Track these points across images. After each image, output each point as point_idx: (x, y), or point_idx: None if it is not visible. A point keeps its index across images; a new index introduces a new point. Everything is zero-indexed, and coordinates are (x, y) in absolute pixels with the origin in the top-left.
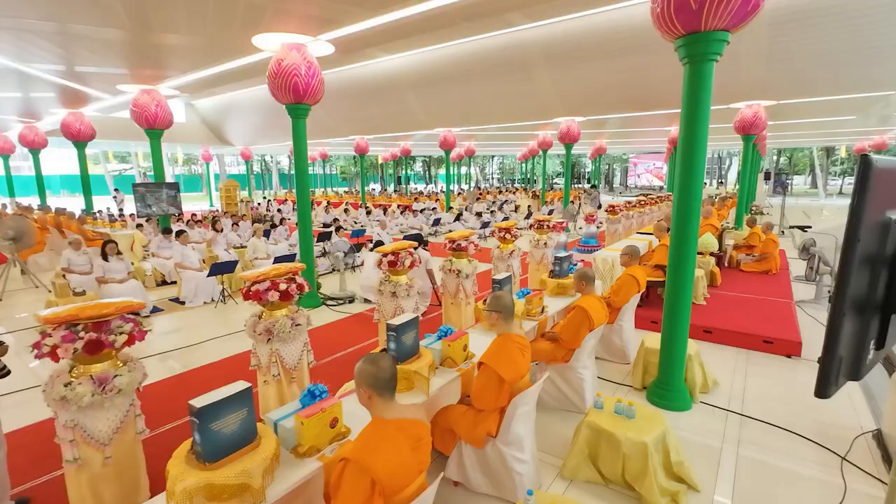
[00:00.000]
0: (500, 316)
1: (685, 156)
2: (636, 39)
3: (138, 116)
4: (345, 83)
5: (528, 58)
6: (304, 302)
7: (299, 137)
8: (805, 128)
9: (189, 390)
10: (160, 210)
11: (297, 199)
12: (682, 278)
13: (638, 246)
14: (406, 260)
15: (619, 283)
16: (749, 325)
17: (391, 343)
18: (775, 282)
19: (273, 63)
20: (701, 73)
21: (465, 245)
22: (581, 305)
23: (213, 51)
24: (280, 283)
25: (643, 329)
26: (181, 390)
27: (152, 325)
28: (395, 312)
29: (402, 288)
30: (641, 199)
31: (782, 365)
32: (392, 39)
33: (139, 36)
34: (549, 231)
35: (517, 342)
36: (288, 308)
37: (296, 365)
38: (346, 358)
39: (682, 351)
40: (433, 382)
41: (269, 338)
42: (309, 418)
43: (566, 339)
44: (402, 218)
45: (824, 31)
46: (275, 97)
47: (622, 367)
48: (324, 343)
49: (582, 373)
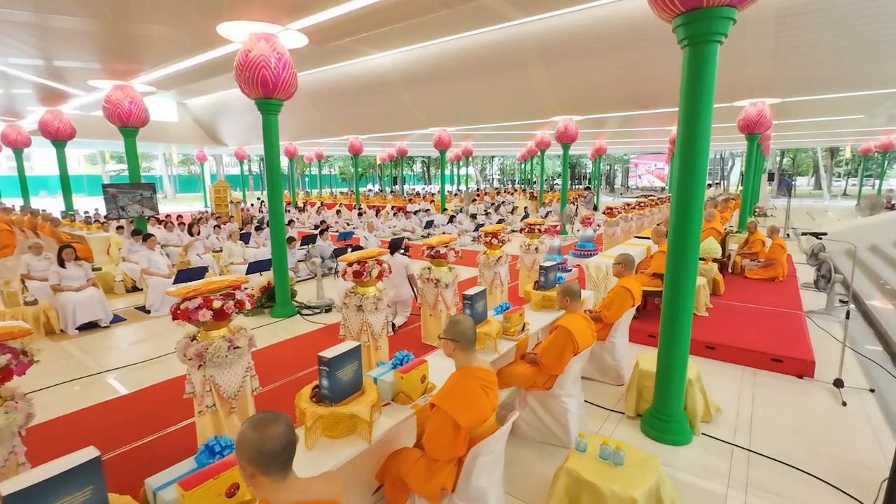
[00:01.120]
0: (458, 345)
1: (685, 152)
2: (635, 34)
3: (111, 113)
4: (336, 81)
5: (523, 54)
6: (277, 311)
7: (270, 135)
8: (810, 127)
9: (125, 417)
10: (134, 212)
11: (269, 201)
12: (682, 292)
13: (633, 254)
14: (373, 270)
15: (612, 295)
16: (756, 341)
17: (323, 380)
18: (783, 290)
19: (240, 55)
20: (703, 56)
21: (445, 252)
22: (564, 325)
23: (180, 42)
24: (214, 300)
25: (638, 343)
26: (116, 416)
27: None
28: (361, 329)
29: (368, 301)
30: (641, 201)
31: (793, 387)
32: (369, 29)
33: (101, 26)
34: (540, 235)
35: (479, 378)
36: (228, 328)
37: (235, 393)
38: (309, 378)
39: (681, 376)
40: (380, 424)
41: (202, 363)
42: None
43: (547, 364)
44: (396, 220)
45: (833, 25)
46: (243, 91)
47: (615, 390)
48: (287, 359)
49: (566, 402)
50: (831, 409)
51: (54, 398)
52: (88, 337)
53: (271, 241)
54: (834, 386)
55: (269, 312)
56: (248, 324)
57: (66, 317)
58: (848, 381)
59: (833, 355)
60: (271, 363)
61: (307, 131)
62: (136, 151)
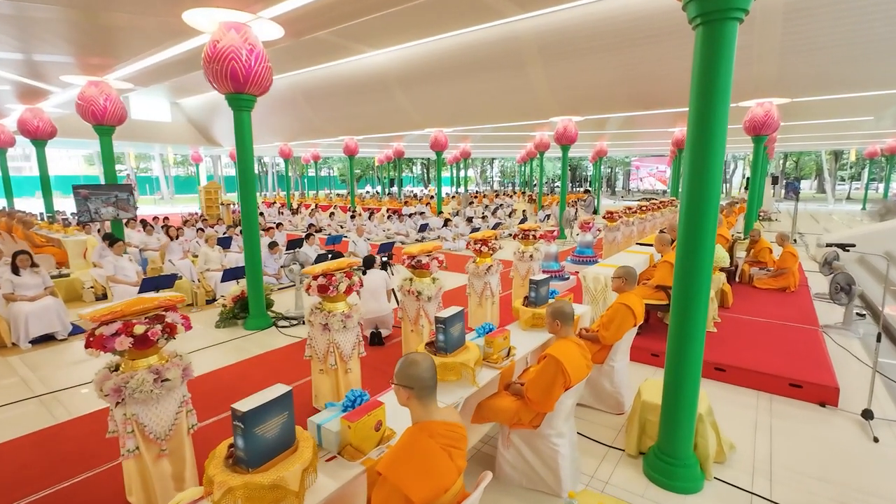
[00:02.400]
0: (412, 393)
1: (697, 150)
2: (636, 31)
3: (84, 111)
4: (331, 81)
5: (521, 52)
6: (250, 323)
7: (242, 132)
8: (816, 129)
9: (48, 454)
10: (108, 214)
11: (241, 203)
12: (692, 315)
13: (634, 263)
14: (341, 284)
15: (611, 313)
16: (771, 362)
17: (238, 439)
18: (795, 301)
19: (208, 45)
20: (719, 37)
21: (427, 262)
22: (553, 355)
23: (147, 33)
24: (136, 325)
25: (640, 363)
26: (39, 452)
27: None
28: (328, 350)
29: (335, 319)
30: (643, 204)
31: (815, 418)
32: (348, 18)
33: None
34: (535, 241)
35: (441, 436)
36: (159, 356)
37: (166, 433)
38: None
39: (690, 412)
40: (319, 487)
41: (119, 401)
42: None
43: (534, 400)
44: (390, 223)
45: (843, 21)
46: (213, 86)
47: (614, 420)
48: (252, 379)
49: (556, 443)
50: (861, 447)
51: None
52: (41, 351)
53: (244, 247)
54: (862, 417)
55: (242, 324)
56: (218, 336)
57: (17, 329)
58: (877, 410)
59: (855, 378)
60: (232, 385)
61: (302, 132)
62: (111, 151)
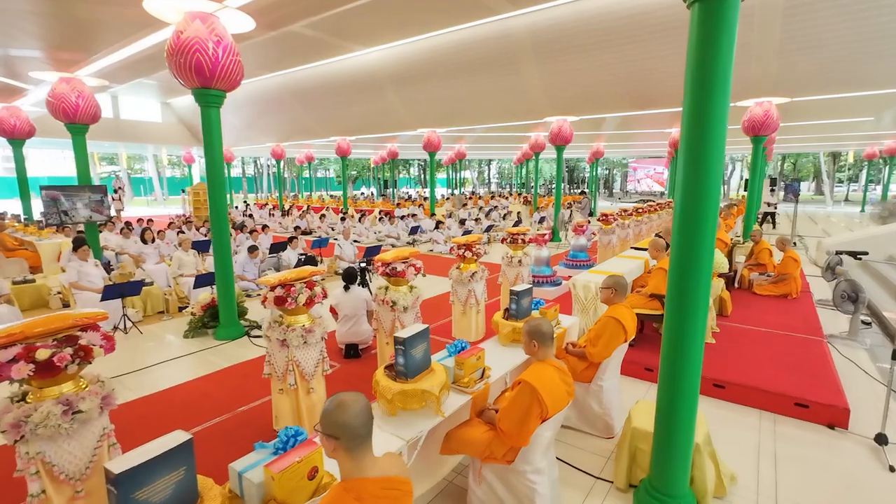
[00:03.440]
0: (339, 444)
1: (692, 146)
2: (632, 28)
3: (55, 108)
4: (321, 80)
5: (514, 50)
6: (221, 332)
7: (210, 130)
8: (815, 130)
9: None
10: (81, 216)
11: (210, 205)
12: (689, 333)
13: (629, 268)
14: (300, 295)
15: (599, 328)
16: (775, 379)
17: None
18: (798, 309)
19: (171, 37)
20: (718, 15)
21: (402, 269)
22: (528, 381)
23: (112, 24)
24: (39, 349)
25: (633, 377)
26: None
27: None
28: (286, 368)
29: (294, 335)
30: (638, 207)
31: (824, 442)
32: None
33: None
34: (524, 245)
35: (375, 498)
36: (74, 382)
37: (82, 473)
38: (230, 424)
39: (686, 442)
40: None
41: (18, 438)
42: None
43: (507, 432)
44: (381, 225)
45: (845, 18)
46: (178, 80)
47: (603, 445)
48: (213, 398)
49: (533, 480)
50: (875, 477)
51: None
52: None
53: (214, 252)
54: (876, 443)
55: (212, 333)
56: (186, 347)
57: None
58: (891, 433)
59: (866, 395)
60: (191, 404)
61: (293, 132)
62: (85, 150)
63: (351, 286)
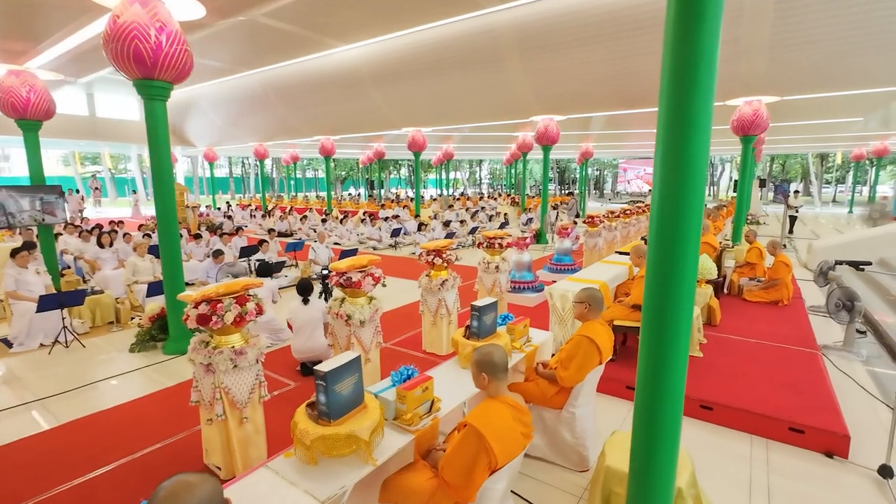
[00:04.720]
0: None
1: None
2: (620, 22)
3: (3, 103)
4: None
5: (498, 46)
6: (170, 346)
7: (156, 125)
8: (804, 131)
9: None
10: (29, 219)
11: (157, 207)
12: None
13: (611, 275)
14: (227, 314)
15: (571, 349)
16: (767, 400)
17: None
18: (790, 317)
19: (108, 22)
20: None
21: (359, 280)
22: (474, 425)
23: (51, 10)
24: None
25: (613, 397)
26: None
27: None
28: (214, 395)
29: (222, 357)
30: (626, 208)
31: (822, 474)
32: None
33: None
34: (503, 250)
35: None
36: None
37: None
38: (138, 465)
39: (666, 487)
40: None
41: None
42: None
43: (451, 484)
44: (363, 227)
45: (837, 14)
46: (117, 69)
47: (576, 481)
48: (139, 425)
49: None
50: None
51: None
52: None
53: (161, 257)
54: (879, 475)
55: (161, 347)
56: (130, 363)
57: None
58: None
59: (866, 416)
60: (119, 431)
61: (276, 131)
62: (38, 148)
63: (310, 298)
